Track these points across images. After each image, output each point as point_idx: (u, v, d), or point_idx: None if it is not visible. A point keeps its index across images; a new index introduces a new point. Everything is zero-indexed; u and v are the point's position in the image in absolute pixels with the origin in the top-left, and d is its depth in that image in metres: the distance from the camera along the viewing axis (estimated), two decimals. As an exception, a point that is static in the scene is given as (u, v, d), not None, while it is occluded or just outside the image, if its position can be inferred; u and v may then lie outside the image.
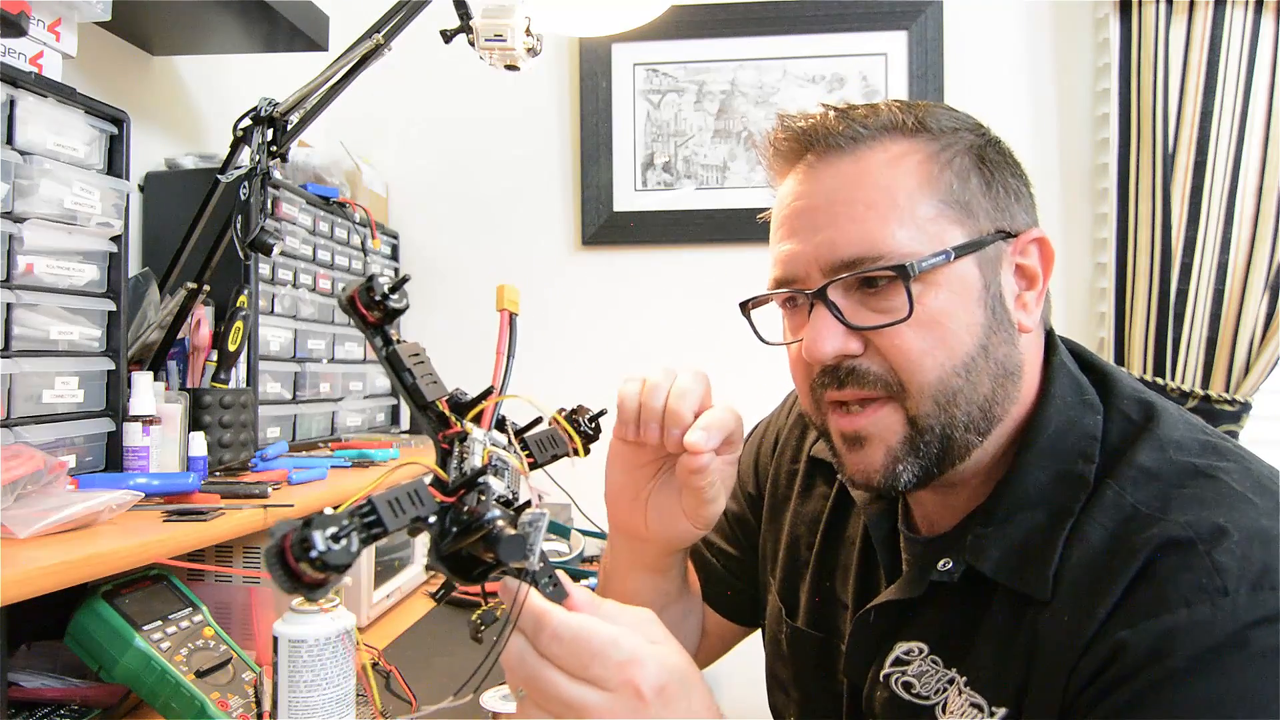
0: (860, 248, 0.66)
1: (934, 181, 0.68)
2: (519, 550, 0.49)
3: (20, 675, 0.91)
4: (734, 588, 0.98)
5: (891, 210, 0.67)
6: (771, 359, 1.65)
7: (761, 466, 0.99)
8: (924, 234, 0.66)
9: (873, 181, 0.68)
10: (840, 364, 0.68)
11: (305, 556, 0.42)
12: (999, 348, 0.68)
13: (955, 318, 0.66)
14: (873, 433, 0.68)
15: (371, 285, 0.54)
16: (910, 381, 0.66)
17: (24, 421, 0.94)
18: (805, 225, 0.70)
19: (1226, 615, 0.55)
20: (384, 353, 0.56)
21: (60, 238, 0.99)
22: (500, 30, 1.20)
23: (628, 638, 0.53)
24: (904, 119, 0.70)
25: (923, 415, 0.67)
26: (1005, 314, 0.69)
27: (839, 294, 0.68)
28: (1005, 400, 0.69)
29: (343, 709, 0.85)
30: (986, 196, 0.69)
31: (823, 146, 0.70)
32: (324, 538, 0.42)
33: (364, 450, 1.46)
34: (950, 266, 0.66)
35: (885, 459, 0.68)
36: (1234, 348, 1.83)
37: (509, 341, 0.60)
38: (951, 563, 0.69)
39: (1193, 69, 1.82)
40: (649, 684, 0.52)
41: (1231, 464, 0.64)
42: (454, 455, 0.54)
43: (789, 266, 0.71)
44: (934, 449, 0.67)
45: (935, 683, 0.69)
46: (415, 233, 2.16)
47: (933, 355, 0.66)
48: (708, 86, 2.12)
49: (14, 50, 0.97)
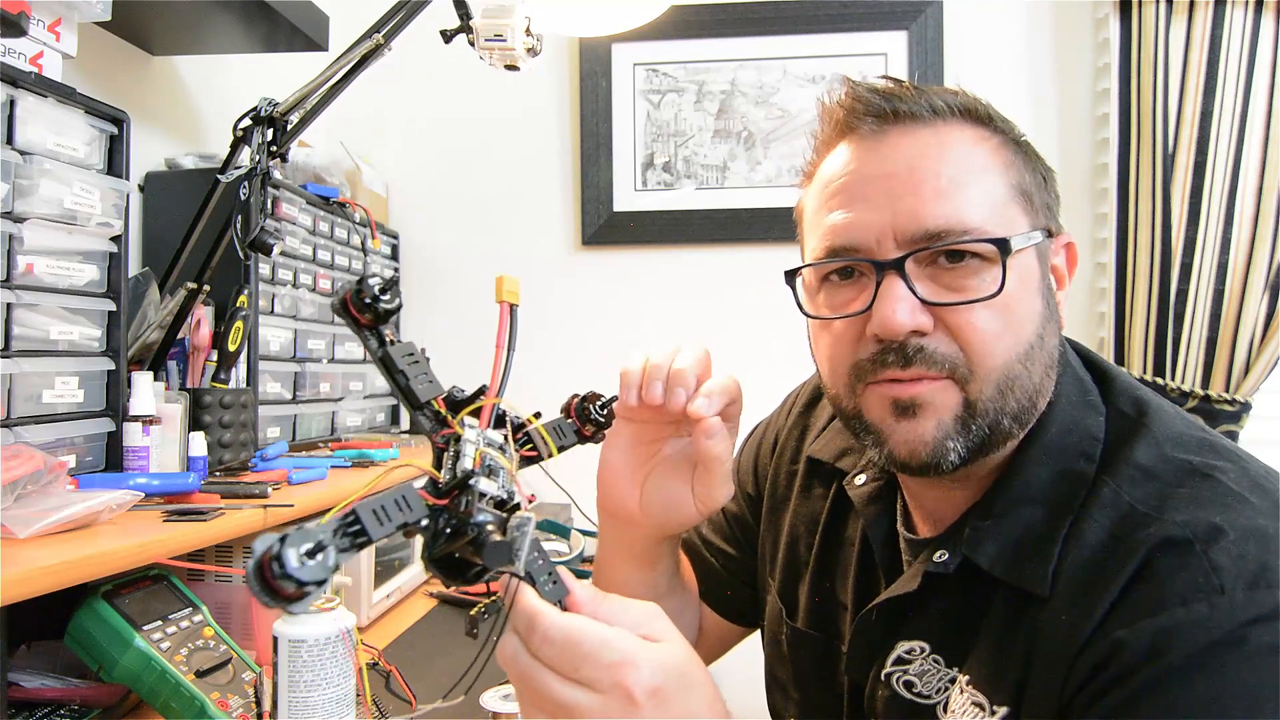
0: (948, 220, 0.64)
1: (1008, 168, 0.68)
2: (503, 556, 0.48)
3: (20, 675, 0.91)
4: (733, 588, 0.98)
5: (974, 186, 0.66)
6: (772, 359, 1.65)
7: (761, 467, 0.98)
8: (999, 217, 0.66)
9: (956, 155, 0.67)
10: (908, 341, 0.65)
11: (282, 573, 0.42)
12: (1050, 338, 0.68)
13: (1023, 304, 0.66)
14: (929, 402, 0.66)
15: (361, 287, 0.54)
16: (979, 365, 0.65)
17: (24, 421, 0.94)
18: (879, 192, 0.67)
19: (1224, 613, 0.55)
20: (378, 354, 0.56)
21: (60, 238, 0.99)
22: (500, 30, 1.20)
23: (621, 639, 0.52)
24: (976, 104, 0.70)
25: (983, 399, 0.65)
26: (1054, 307, 0.70)
27: (911, 268, 0.65)
28: (1047, 392, 0.69)
29: (343, 709, 0.85)
30: (1041, 193, 0.70)
31: (904, 113, 0.68)
32: (297, 555, 0.42)
33: (364, 450, 1.46)
34: (1022, 252, 0.66)
35: (937, 432, 0.66)
36: (1234, 348, 1.83)
37: (509, 334, 0.59)
38: (947, 554, 0.68)
39: (1193, 69, 1.82)
40: (641, 687, 0.51)
41: (1228, 463, 0.64)
42: (447, 456, 0.54)
43: (853, 234, 0.67)
44: (983, 433, 0.66)
45: (937, 682, 0.69)
46: (415, 233, 2.16)
47: (1002, 339, 0.65)
48: (708, 86, 2.12)
49: (14, 50, 0.97)
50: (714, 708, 0.56)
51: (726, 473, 0.76)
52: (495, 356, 0.58)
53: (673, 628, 0.56)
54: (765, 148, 2.11)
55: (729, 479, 0.77)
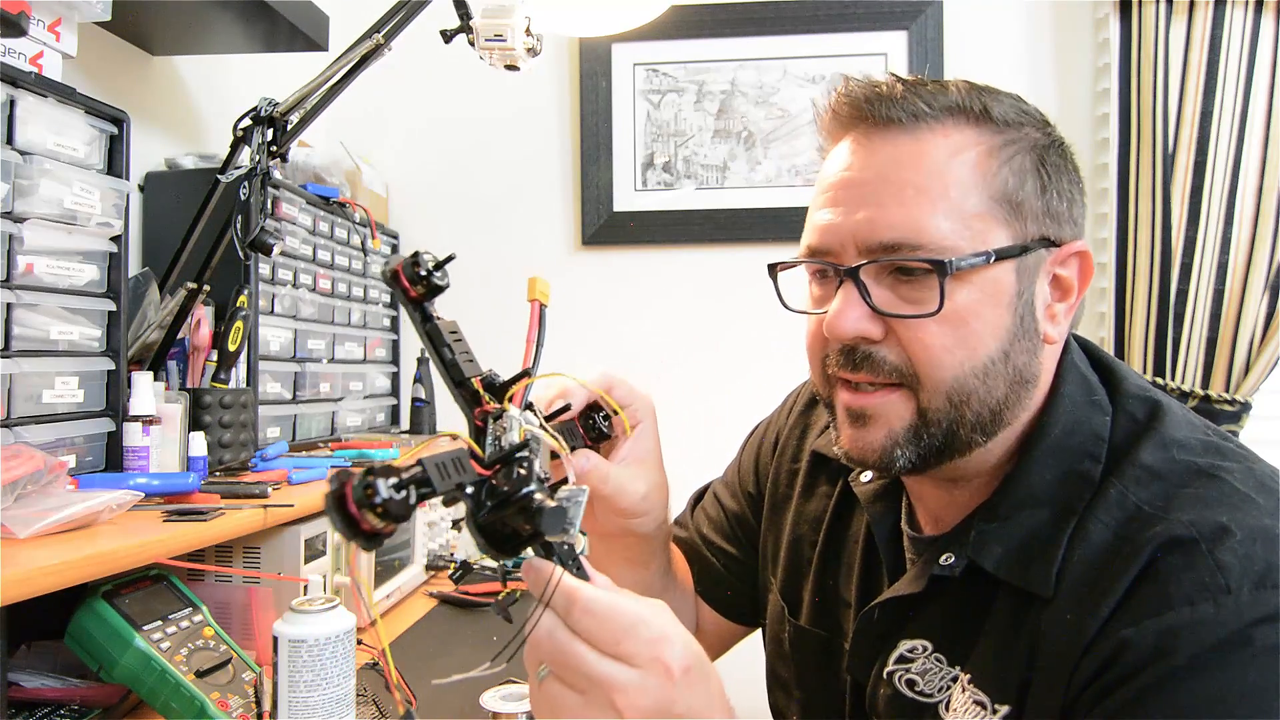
0: (901, 233, 0.65)
1: (989, 178, 0.67)
2: (559, 522, 0.49)
3: (20, 675, 0.91)
4: (733, 587, 0.98)
5: (941, 199, 0.65)
6: (772, 359, 1.65)
7: (762, 466, 0.98)
8: (968, 230, 0.65)
9: (927, 165, 0.66)
10: (857, 346, 0.68)
11: (369, 503, 0.44)
12: (1019, 355, 0.67)
13: (982, 319, 0.66)
14: (878, 414, 0.68)
15: (418, 259, 0.55)
16: (926, 376, 0.66)
17: (24, 421, 0.94)
18: (849, 198, 0.68)
19: (1229, 613, 0.55)
20: (424, 327, 0.56)
21: (60, 238, 0.99)
22: (500, 30, 1.20)
23: (659, 614, 0.54)
24: (970, 103, 0.68)
25: (933, 409, 0.66)
26: (1033, 322, 0.68)
27: (870, 276, 0.67)
28: (1017, 406, 0.69)
29: (343, 709, 0.85)
30: (1039, 201, 0.68)
31: (884, 118, 0.68)
32: (387, 486, 0.44)
33: (364, 450, 1.46)
34: (987, 268, 0.65)
35: (885, 441, 0.68)
36: (1234, 348, 1.83)
37: (539, 331, 0.61)
38: (954, 557, 0.69)
39: (1193, 69, 1.82)
40: (678, 662, 0.52)
41: (1234, 464, 0.64)
42: (488, 432, 0.55)
43: (825, 237, 0.69)
44: (937, 441, 0.67)
45: (939, 680, 0.69)
46: (415, 233, 2.16)
47: (952, 354, 0.65)
48: (708, 86, 2.12)
49: (14, 50, 0.97)
50: (723, 699, 0.57)
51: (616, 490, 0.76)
52: (526, 351, 0.60)
53: (679, 625, 0.57)
54: (765, 148, 2.11)
55: (622, 490, 0.77)
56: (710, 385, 2.09)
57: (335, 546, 1.27)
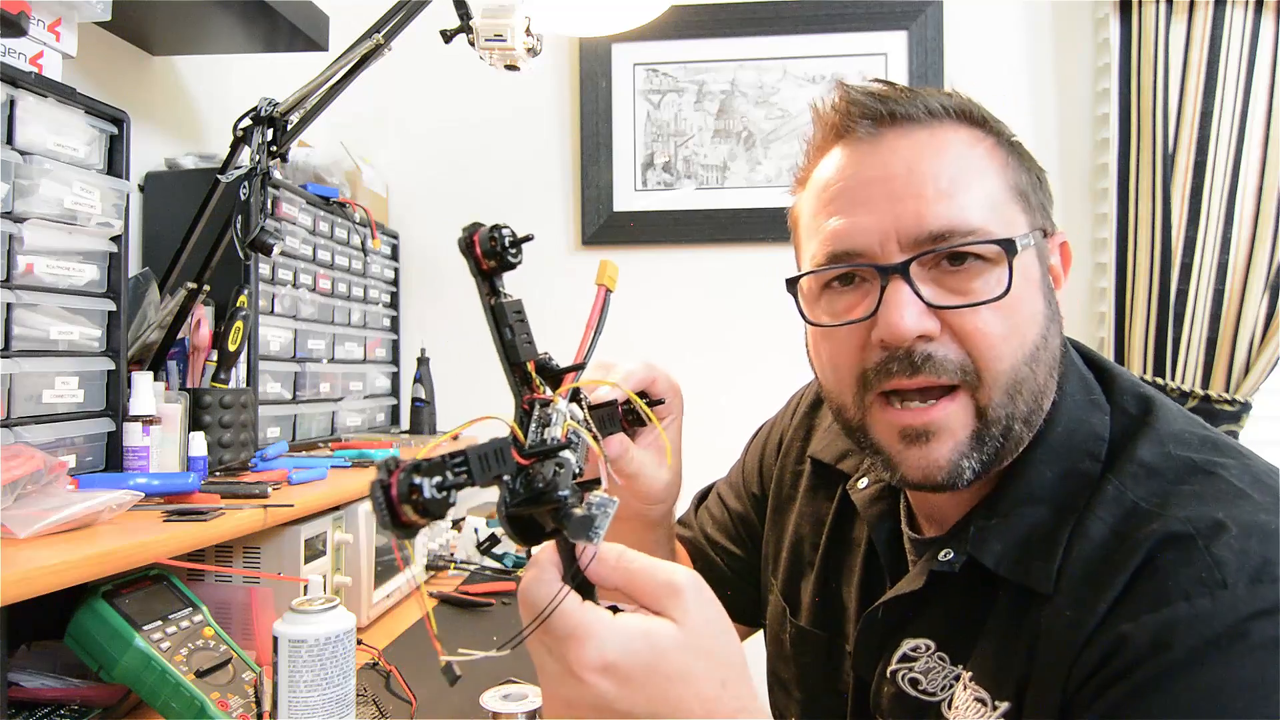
0: (949, 220, 0.63)
1: (1005, 168, 0.68)
2: (586, 529, 0.49)
3: (20, 675, 0.91)
4: (736, 587, 0.98)
5: (976, 185, 0.65)
6: (773, 359, 1.65)
7: (766, 467, 0.99)
8: (1000, 217, 0.65)
9: (954, 156, 0.66)
10: (915, 348, 0.64)
11: (409, 499, 0.44)
12: (1053, 339, 0.68)
13: (1028, 304, 0.66)
14: (943, 427, 0.65)
15: (495, 233, 0.54)
16: (987, 369, 0.64)
17: (24, 421, 0.94)
18: (875, 195, 0.66)
19: (1226, 607, 0.55)
20: (490, 302, 0.55)
21: (60, 238, 0.99)
22: (500, 30, 1.20)
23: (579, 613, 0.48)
24: (966, 106, 0.70)
25: (993, 406, 0.65)
26: (1055, 306, 0.69)
27: (915, 271, 0.64)
28: (1051, 393, 0.68)
29: (343, 709, 0.85)
30: (1035, 194, 0.70)
31: (900, 115, 0.68)
32: (430, 485, 0.45)
33: (364, 450, 1.46)
34: (1023, 253, 0.66)
35: (952, 454, 0.65)
36: (1234, 348, 1.83)
37: (600, 317, 0.61)
38: (952, 553, 0.69)
39: (1193, 69, 1.82)
40: (583, 662, 0.47)
41: (1231, 459, 0.64)
42: (533, 419, 0.54)
43: (854, 238, 0.66)
44: (997, 442, 0.66)
45: (941, 679, 0.69)
46: (415, 233, 2.16)
47: (1009, 341, 0.64)
48: (708, 86, 2.12)
49: (14, 50, 0.97)
50: (708, 702, 0.49)
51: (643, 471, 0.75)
52: (584, 337, 0.60)
53: (696, 605, 0.50)
54: (765, 148, 2.11)
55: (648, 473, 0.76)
56: (711, 385, 2.08)
57: (335, 546, 1.27)
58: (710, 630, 0.50)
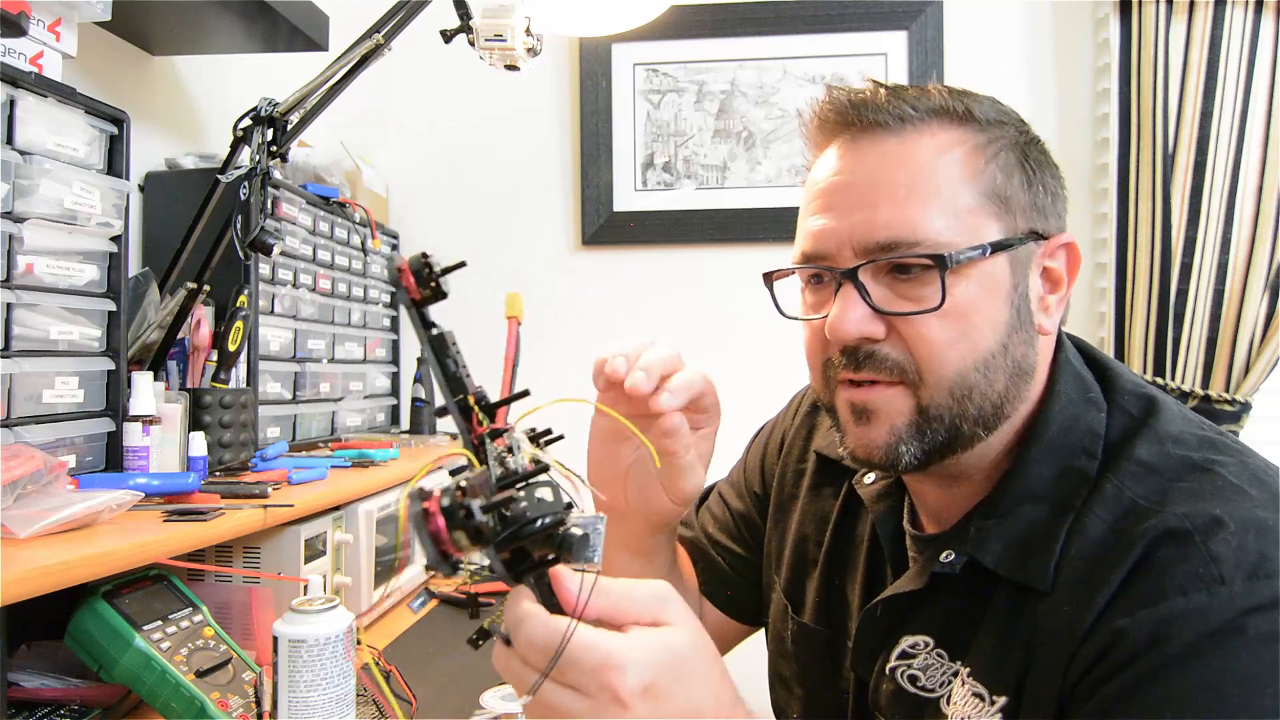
0: (897, 231, 0.66)
1: (978, 173, 0.68)
2: (585, 550, 0.48)
3: (20, 675, 0.91)
4: (738, 586, 0.98)
5: (933, 196, 0.66)
6: (773, 360, 1.65)
7: (768, 467, 0.99)
8: (962, 225, 0.66)
9: (917, 165, 0.67)
10: (860, 346, 0.68)
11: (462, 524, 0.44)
12: (1018, 347, 0.68)
13: (981, 313, 0.67)
14: (880, 409, 0.68)
15: (428, 260, 0.53)
16: (929, 372, 0.67)
17: (24, 421, 0.94)
18: (842, 201, 0.69)
19: (1223, 603, 0.56)
20: (428, 334, 0.54)
21: (60, 238, 0.99)
22: (500, 30, 1.20)
23: (606, 641, 0.49)
24: (953, 105, 0.70)
25: (935, 405, 0.67)
26: (1029, 315, 0.69)
27: (868, 276, 0.68)
28: (1016, 399, 0.69)
29: (343, 709, 0.85)
30: (1026, 195, 0.69)
31: (870, 122, 0.69)
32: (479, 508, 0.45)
33: (364, 450, 1.46)
34: (984, 261, 0.66)
35: (889, 437, 0.68)
36: (1234, 348, 1.83)
37: (515, 351, 0.61)
38: (954, 554, 0.70)
39: (1193, 69, 1.82)
40: (627, 689, 0.49)
41: (1228, 457, 0.65)
42: (488, 452, 0.52)
43: (820, 242, 0.70)
44: (940, 436, 0.68)
45: (940, 675, 0.70)
46: (415, 233, 2.16)
47: (955, 348, 0.66)
48: (708, 86, 2.12)
49: (14, 50, 0.97)
50: (720, 697, 0.54)
51: (689, 464, 0.78)
52: (505, 370, 0.59)
53: (683, 609, 0.54)
54: (765, 148, 2.11)
55: (695, 469, 0.79)
56: (710, 385, 2.09)
57: (335, 546, 1.27)
58: (698, 627, 0.54)
